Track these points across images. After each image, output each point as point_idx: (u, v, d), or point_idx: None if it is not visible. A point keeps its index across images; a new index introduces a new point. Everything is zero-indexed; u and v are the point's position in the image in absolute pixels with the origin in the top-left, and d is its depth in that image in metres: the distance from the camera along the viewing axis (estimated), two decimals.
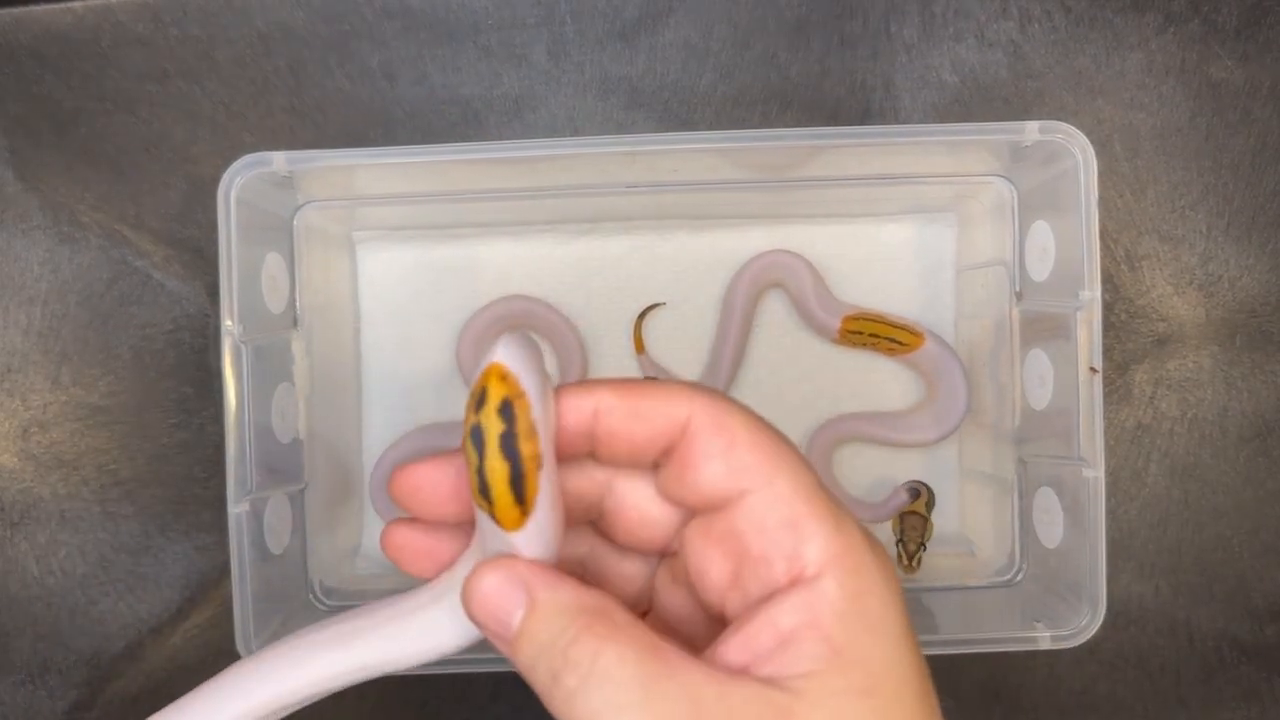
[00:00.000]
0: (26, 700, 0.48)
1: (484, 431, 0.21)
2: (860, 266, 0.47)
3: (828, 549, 0.21)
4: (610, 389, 0.23)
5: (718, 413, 0.22)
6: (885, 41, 0.46)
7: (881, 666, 0.21)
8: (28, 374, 0.48)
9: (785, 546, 0.21)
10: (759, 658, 0.21)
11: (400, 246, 0.48)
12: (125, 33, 0.47)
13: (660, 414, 0.23)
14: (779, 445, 0.22)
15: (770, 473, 0.22)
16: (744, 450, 0.22)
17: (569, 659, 0.21)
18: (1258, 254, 0.47)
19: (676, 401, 0.22)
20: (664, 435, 0.23)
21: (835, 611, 0.21)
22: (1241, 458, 0.47)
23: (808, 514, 0.21)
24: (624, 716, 0.20)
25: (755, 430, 0.22)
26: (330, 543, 0.46)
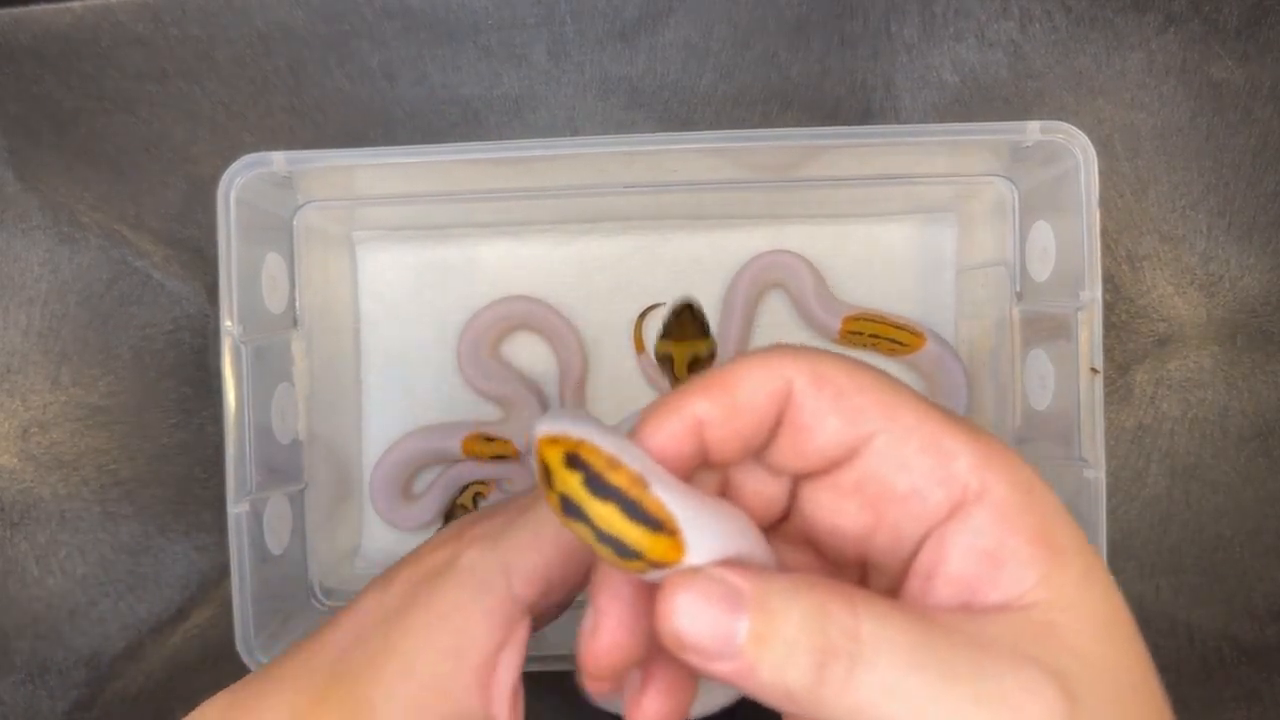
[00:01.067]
0: (26, 700, 0.48)
1: (572, 495, 0.19)
2: (861, 266, 0.47)
3: (976, 457, 0.20)
4: (701, 395, 0.21)
5: (814, 368, 0.21)
6: (886, 41, 0.46)
7: (1078, 548, 0.20)
8: (27, 374, 0.48)
9: (936, 472, 0.20)
10: (977, 587, 0.19)
11: (400, 246, 0.48)
12: (125, 32, 0.47)
13: (761, 397, 0.21)
14: (883, 379, 0.21)
15: (889, 408, 0.20)
16: (854, 395, 0.20)
17: (831, 643, 0.18)
18: (1259, 254, 0.47)
19: (770, 377, 0.21)
20: (771, 415, 0.21)
21: (1021, 510, 0.20)
22: (1242, 458, 0.47)
23: (943, 432, 0.20)
24: (914, 675, 0.18)
25: (856, 373, 0.21)
26: (330, 543, 0.46)
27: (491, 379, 0.47)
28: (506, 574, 0.24)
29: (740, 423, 0.21)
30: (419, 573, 0.25)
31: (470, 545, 0.25)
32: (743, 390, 0.21)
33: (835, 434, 0.21)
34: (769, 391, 0.21)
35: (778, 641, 0.18)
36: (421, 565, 0.26)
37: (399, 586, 0.25)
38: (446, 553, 0.25)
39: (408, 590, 0.25)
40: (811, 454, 0.21)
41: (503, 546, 0.24)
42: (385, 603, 0.25)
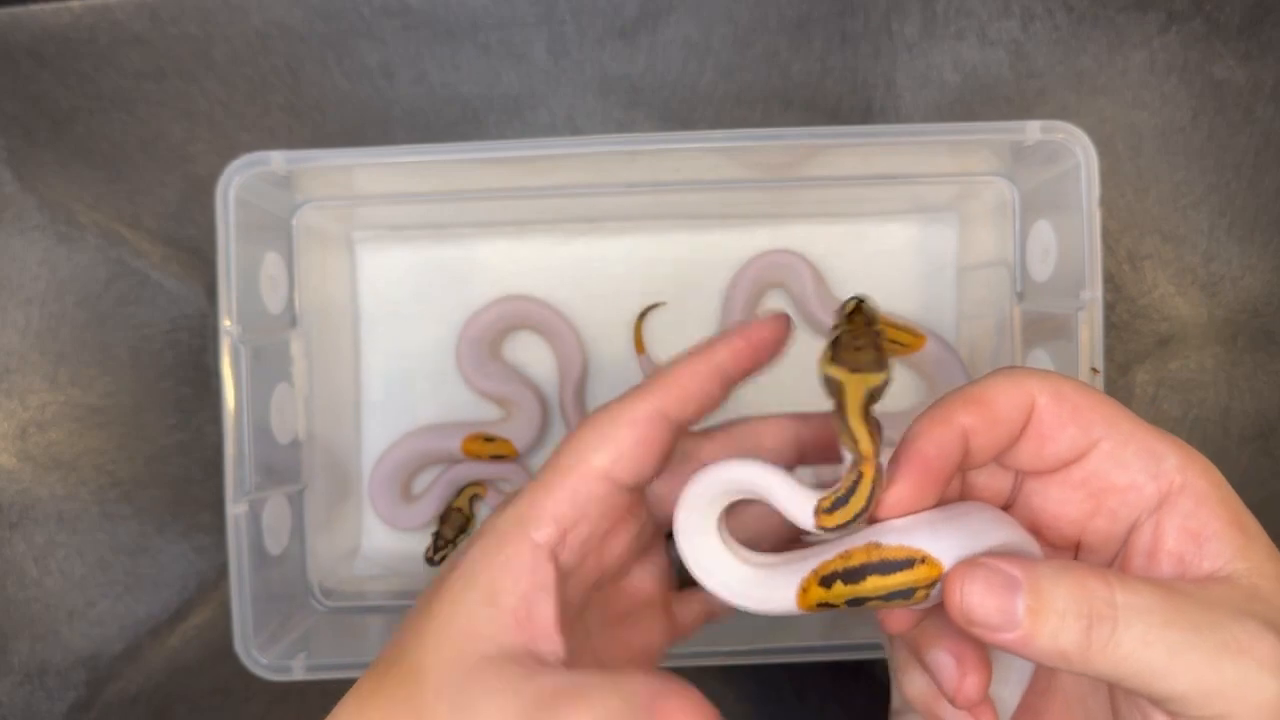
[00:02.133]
0: (25, 701, 0.47)
1: (837, 601, 0.25)
2: (861, 266, 0.47)
3: (1180, 458, 0.25)
4: (965, 408, 0.25)
5: (1055, 388, 0.25)
6: (887, 40, 0.46)
7: (1260, 530, 0.25)
8: (25, 374, 0.47)
9: (1149, 469, 0.25)
10: (1190, 560, 0.24)
11: (399, 246, 0.48)
12: (122, 32, 0.46)
13: (1015, 411, 0.25)
14: (1102, 397, 0.26)
15: (1111, 420, 0.25)
16: (1086, 411, 0.25)
17: (1093, 609, 0.22)
18: (1260, 253, 0.47)
19: (1021, 394, 0.25)
20: (1020, 426, 0.26)
21: (1216, 500, 0.24)
22: (1244, 458, 0.47)
23: (1155, 438, 0.25)
24: (1166, 633, 0.22)
25: (1082, 391, 0.25)
26: (329, 543, 0.46)
27: (491, 379, 0.47)
28: (522, 525, 0.26)
29: (998, 432, 0.25)
30: (457, 554, 0.28)
31: (493, 514, 0.28)
32: (1000, 405, 0.25)
33: (1071, 441, 0.25)
34: (1019, 405, 0.25)
35: (1050, 613, 0.23)
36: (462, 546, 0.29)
37: (444, 565, 0.29)
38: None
39: (446, 568, 0.27)
40: (1049, 457, 0.26)
41: (517, 503, 0.27)
42: (435, 579, 0.27)
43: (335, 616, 0.44)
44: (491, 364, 0.47)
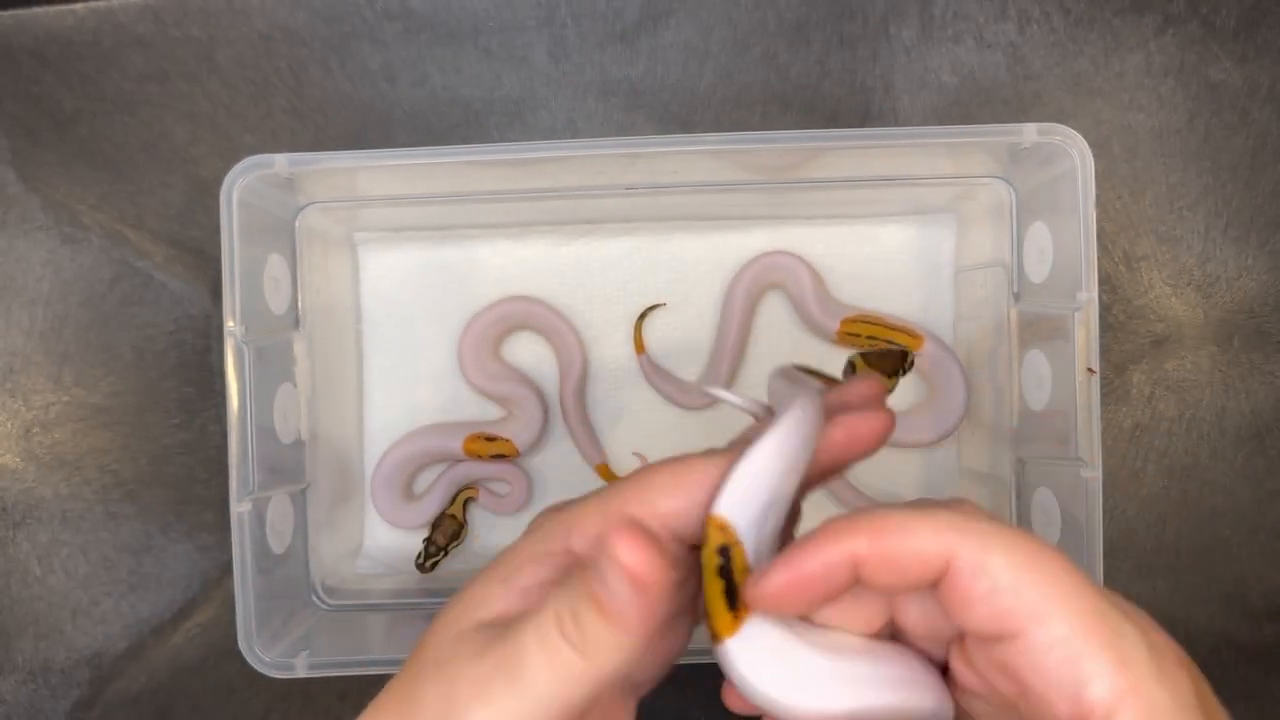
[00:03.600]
0: (29, 699, 0.48)
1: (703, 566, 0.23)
2: (859, 267, 0.48)
3: (1112, 690, 0.20)
4: (863, 537, 0.22)
5: (976, 553, 0.21)
6: (885, 43, 0.46)
7: None
8: (30, 375, 0.48)
9: (1066, 689, 0.21)
10: None
11: (401, 247, 0.48)
12: (126, 34, 0.47)
13: (916, 561, 0.22)
14: (1051, 576, 0.21)
15: (1041, 613, 0.21)
16: (1008, 595, 0.21)
17: None
18: (1256, 254, 0.47)
19: (931, 545, 0.22)
20: (925, 577, 0.22)
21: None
22: (1239, 458, 0.47)
23: (1086, 654, 0.21)
24: None
25: (1021, 568, 0.21)
26: (332, 542, 0.46)
27: (492, 379, 0.47)
28: (568, 530, 0.25)
29: (893, 575, 0.22)
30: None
31: (546, 515, 0.27)
32: (903, 548, 0.22)
33: (983, 622, 0.22)
34: (929, 559, 0.22)
35: None
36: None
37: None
38: None
39: None
40: (966, 623, 0.22)
41: (569, 510, 0.26)
42: None
43: (337, 615, 0.44)
44: (493, 364, 0.47)
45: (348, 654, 0.40)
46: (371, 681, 0.26)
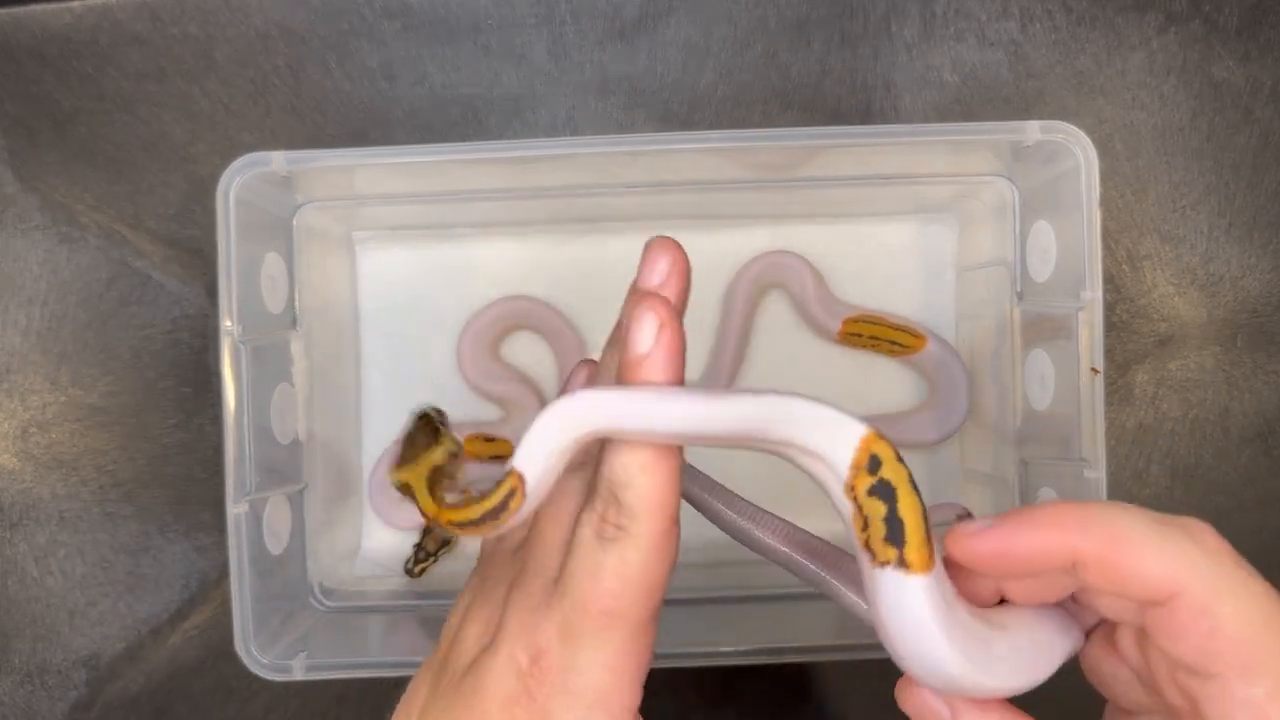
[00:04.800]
0: (26, 700, 0.47)
1: (892, 482, 0.23)
2: (861, 266, 0.47)
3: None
4: (1095, 539, 0.22)
5: (1207, 596, 0.22)
6: (886, 41, 0.46)
7: None
8: (27, 374, 0.48)
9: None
10: None
11: (400, 246, 0.48)
12: (124, 32, 0.47)
13: (1138, 582, 0.22)
14: (1269, 637, 0.21)
15: (1251, 669, 0.21)
16: (1225, 643, 0.21)
17: None
18: (1259, 254, 0.47)
19: (1162, 573, 0.22)
20: (1138, 598, 0.22)
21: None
22: (1243, 458, 0.47)
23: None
24: None
25: (1246, 622, 0.21)
26: (330, 543, 0.46)
27: (491, 379, 0.47)
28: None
29: (1107, 583, 0.22)
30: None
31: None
32: (1132, 566, 0.22)
33: (1187, 654, 0.22)
34: (1151, 585, 0.22)
35: None
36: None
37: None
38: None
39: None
40: (1165, 648, 0.22)
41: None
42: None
43: (335, 616, 0.44)
44: (492, 364, 0.47)
45: (346, 656, 0.39)
46: (370, 684, 0.25)
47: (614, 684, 0.25)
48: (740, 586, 0.44)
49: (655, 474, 0.24)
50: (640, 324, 0.24)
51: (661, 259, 0.27)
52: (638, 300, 0.25)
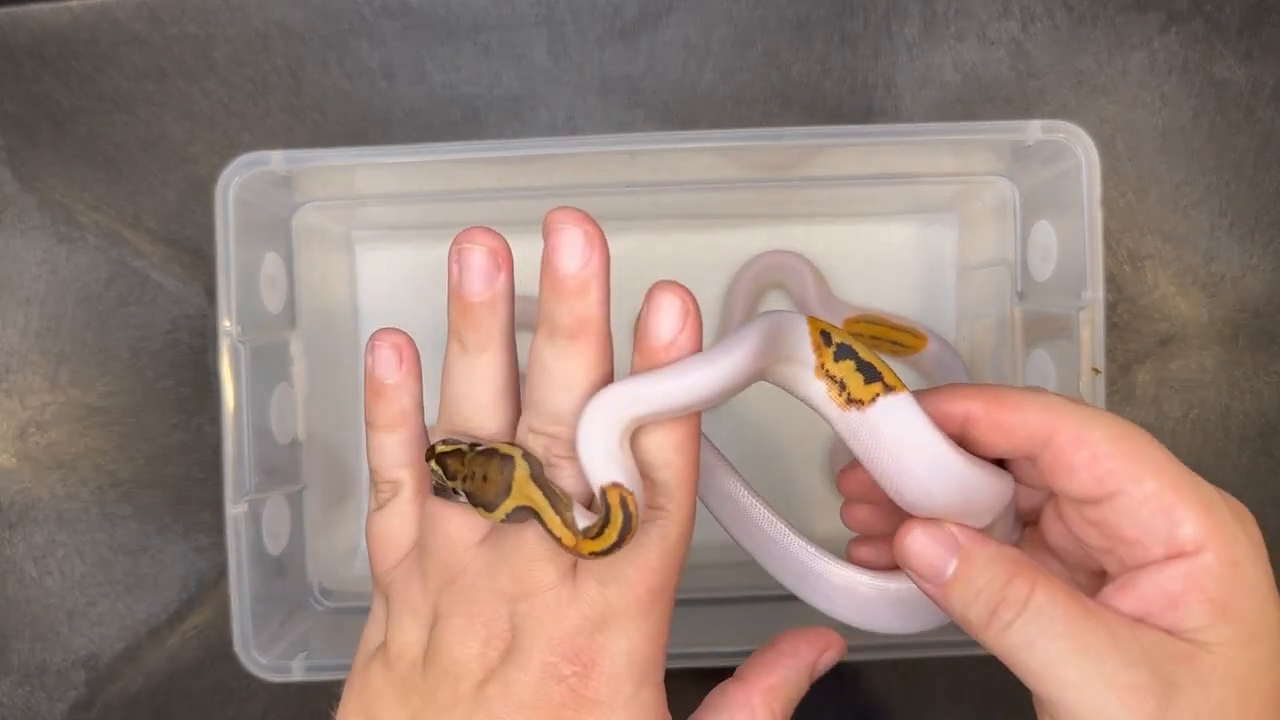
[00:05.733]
0: (24, 701, 0.47)
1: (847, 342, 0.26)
2: (862, 266, 0.47)
3: (1200, 529, 0.24)
4: (979, 399, 0.26)
5: (1078, 427, 0.25)
6: (887, 40, 0.46)
7: (1260, 623, 0.24)
8: (25, 374, 0.47)
9: (1160, 533, 0.24)
10: (1152, 612, 0.24)
11: (399, 246, 0.48)
12: (123, 32, 0.46)
13: (1023, 430, 0.26)
14: (1140, 446, 0.25)
15: (1135, 475, 0.25)
16: (1106, 460, 0.25)
17: (1006, 597, 0.25)
18: (1261, 253, 0.47)
19: (1038, 418, 0.26)
20: (1025, 448, 0.26)
21: (1214, 578, 0.24)
22: (1244, 458, 0.47)
23: (1177, 502, 0.24)
24: (1055, 643, 0.24)
25: (1116, 440, 0.25)
26: (329, 544, 0.46)
27: None
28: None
29: (997, 439, 0.26)
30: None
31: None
32: (1012, 418, 0.26)
33: (1084, 487, 0.25)
34: (1035, 431, 0.26)
35: (968, 586, 0.25)
36: None
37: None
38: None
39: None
40: (1064, 489, 0.26)
41: None
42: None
43: (335, 617, 0.44)
44: None
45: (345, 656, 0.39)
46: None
47: (656, 656, 0.26)
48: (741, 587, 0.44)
49: (689, 452, 0.26)
50: (664, 311, 0.26)
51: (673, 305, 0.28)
52: (661, 289, 0.26)
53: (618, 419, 0.25)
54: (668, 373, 0.25)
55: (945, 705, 0.25)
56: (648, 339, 0.26)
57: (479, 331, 0.28)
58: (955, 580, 0.26)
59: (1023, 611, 0.24)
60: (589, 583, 0.26)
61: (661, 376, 0.25)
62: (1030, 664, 0.24)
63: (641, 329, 0.26)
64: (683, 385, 0.25)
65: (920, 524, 0.26)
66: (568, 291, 0.27)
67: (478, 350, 0.28)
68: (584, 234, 0.27)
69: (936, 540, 0.26)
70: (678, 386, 0.25)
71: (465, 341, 0.28)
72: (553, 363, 0.27)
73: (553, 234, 0.27)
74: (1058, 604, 0.24)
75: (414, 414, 0.30)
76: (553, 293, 0.27)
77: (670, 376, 0.25)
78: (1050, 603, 0.24)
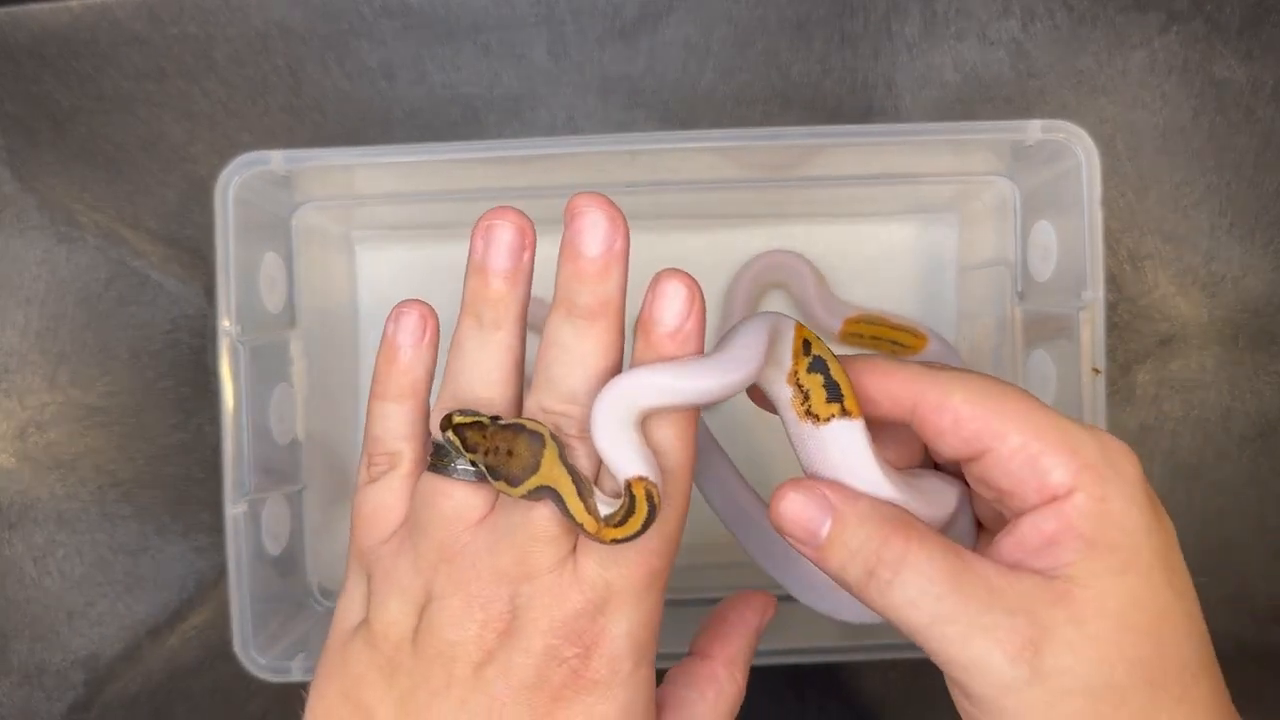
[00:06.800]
0: (24, 701, 0.47)
1: (823, 356, 0.27)
2: (862, 266, 0.47)
3: (1068, 472, 0.25)
4: (856, 369, 0.27)
5: (938, 393, 0.26)
6: (887, 40, 0.46)
7: (1129, 551, 0.24)
8: (25, 374, 0.47)
9: (1032, 482, 0.25)
10: (1029, 555, 0.25)
11: (399, 246, 0.48)
12: (123, 31, 0.46)
13: (888, 401, 0.26)
14: (1002, 402, 0.25)
15: (1000, 431, 0.25)
16: (969, 422, 0.25)
17: (882, 557, 0.25)
18: (1261, 253, 0.47)
19: (902, 387, 0.26)
20: (894, 414, 0.27)
21: (1083, 515, 0.24)
22: (1245, 458, 0.47)
23: (1043, 451, 0.25)
24: (935, 600, 0.24)
25: (976, 400, 0.25)
26: (328, 544, 0.46)
27: None
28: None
29: (876, 409, 0.27)
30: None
31: None
32: (880, 390, 0.27)
33: (954, 448, 0.26)
34: (897, 399, 0.26)
35: (843, 547, 0.25)
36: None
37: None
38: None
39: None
40: (937, 455, 0.27)
41: None
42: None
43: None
44: None
45: None
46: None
47: (651, 637, 0.27)
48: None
49: (689, 440, 0.27)
50: (670, 298, 0.26)
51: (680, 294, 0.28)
52: (666, 276, 0.27)
53: (635, 408, 0.25)
54: (686, 370, 0.25)
55: (945, 705, 0.25)
56: (654, 326, 0.26)
57: (497, 308, 0.28)
58: (829, 542, 0.26)
59: (900, 570, 0.25)
60: (590, 565, 0.26)
61: (681, 373, 0.25)
62: (913, 622, 0.24)
63: (646, 316, 0.27)
64: (698, 385, 0.25)
65: (792, 485, 0.26)
66: (590, 274, 0.27)
67: (493, 327, 0.28)
68: (608, 217, 0.27)
69: (809, 501, 0.26)
70: (694, 386, 0.25)
71: (481, 317, 0.29)
72: (571, 342, 0.27)
73: (577, 218, 0.27)
74: (934, 561, 0.24)
75: (424, 388, 0.30)
76: (574, 274, 0.27)
77: (688, 375, 0.25)
78: (927, 560, 0.24)
